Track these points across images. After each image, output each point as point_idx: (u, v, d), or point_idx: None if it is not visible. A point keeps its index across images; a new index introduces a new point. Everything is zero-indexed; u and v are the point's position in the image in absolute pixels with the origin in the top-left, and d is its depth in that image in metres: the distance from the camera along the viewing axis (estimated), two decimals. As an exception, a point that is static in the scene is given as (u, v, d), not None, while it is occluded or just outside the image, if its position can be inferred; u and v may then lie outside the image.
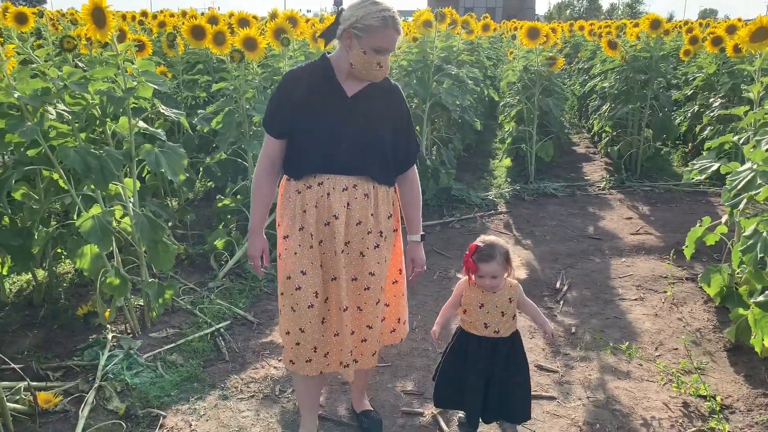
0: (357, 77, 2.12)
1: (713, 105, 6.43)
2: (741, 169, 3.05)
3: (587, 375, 2.99)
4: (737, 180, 3.01)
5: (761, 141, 3.01)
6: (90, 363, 2.95)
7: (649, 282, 4.08)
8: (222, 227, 4.35)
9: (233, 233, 4.28)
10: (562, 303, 3.78)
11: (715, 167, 3.56)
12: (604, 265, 4.40)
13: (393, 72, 5.58)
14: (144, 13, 9.00)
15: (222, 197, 4.44)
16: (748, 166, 3.02)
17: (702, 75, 7.04)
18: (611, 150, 6.95)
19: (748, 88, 3.97)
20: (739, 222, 3.18)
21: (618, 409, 2.72)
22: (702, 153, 4.88)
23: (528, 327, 3.35)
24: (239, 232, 4.32)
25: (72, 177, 3.03)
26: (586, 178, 6.87)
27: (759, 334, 2.79)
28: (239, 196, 4.33)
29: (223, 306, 3.61)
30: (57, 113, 2.83)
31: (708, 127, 6.26)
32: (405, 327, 2.48)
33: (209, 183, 5.62)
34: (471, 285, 2.31)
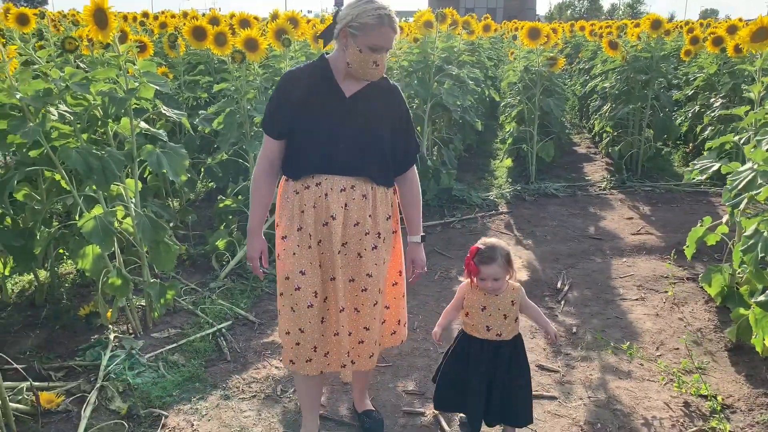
0: (355, 77, 2.12)
1: (714, 105, 6.43)
2: (742, 169, 3.06)
3: (588, 375, 2.99)
4: (738, 180, 3.01)
5: (762, 141, 3.01)
6: (92, 363, 2.96)
7: (650, 282, 4.09)
8: (223, 228, 4.36)
9: (234, 234, 4.28)
10: (563, 303, 3.78)
11: (716, 167, 3.57)
12: (605, 265, 4.40)
13: (394, 72, 5.59)
14: (145, 14, 9.02)
15: (223, 198, 4.45)
16: (748, 166, 3.02)
17: (703, 75, 7.04)
18: (612, 150, 6.95)
19: (748, 88, 3.97)
20: (740, 222, 3.19)
21: (619, 409, 2.72)
22: (703, 153, 4.87)
23: (529, 327, 3.36)
24: (240, 232, 4.32)
25: (74, 178, 3.03)
26: (587, 178, 6.87)
27: (760, 333, 2.79)
28: (240, 196, 4.34)
29: (225, 306, 3.62)
30: (59, 114, 2.83)
31: (709, 127, 6.26)
32: (405, 329, 2.48)
33: (210, 183, 5.62)
34: (473, 288, 2.30)
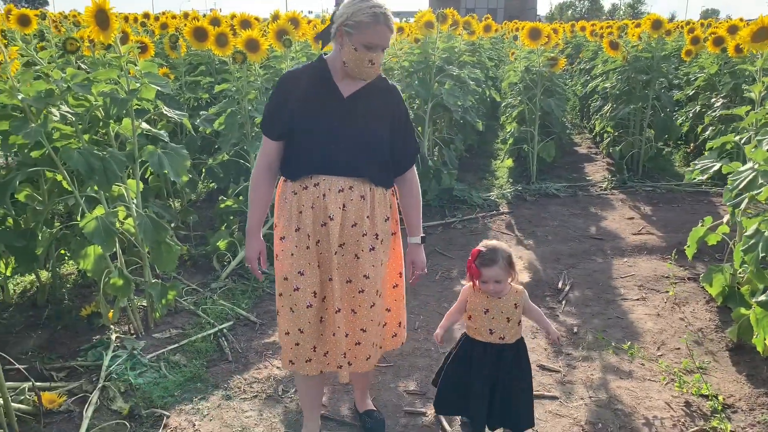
0: (353, 77, 2.11)
1: (715, 105, 6.43)
2: (742, 169, 3.06)
3: (589, 375, 3.00)
4: (739, 180, 3.01)
5: (762, 141, 3.02)
6: (94, 363, 2.97)
7: (651, 282, 4.08)
8: (224, 228, 4.36)
9: (236, 234, 4.29)
10: (564, 303, 3.78)
11: (717, 167, 3.57)
12: (606, 265, 4.40)
13: (395, 73, 5.59)
14: (146, 15, 9.04)
15: (224, 198, 4.46)
16: (749, 165, 3.03)
17: (704, 75, 7.03)
18: (613, 150, 6.95)
19: (749, 88, 3.97)
20: (741, 222, 3.19)
21: (620, 409, 2.72)
22: (704, 153, 4.88)
23: (530, 327, 3.35)
24: (242, 233, 4.33)
25: (75, 178, 3.04)
26: (587, 178, 6.87)
27: (761, 333, 2.79)
28: (241, 197, 4.35)
29: (226, 306, 3.62)
30: (60, 115, 2.84)
31: (710, 127, 6.26)
32: (404, 330, 2.47)
33: (212, 184, 5.63)
34: (475, 290, 2.29)
